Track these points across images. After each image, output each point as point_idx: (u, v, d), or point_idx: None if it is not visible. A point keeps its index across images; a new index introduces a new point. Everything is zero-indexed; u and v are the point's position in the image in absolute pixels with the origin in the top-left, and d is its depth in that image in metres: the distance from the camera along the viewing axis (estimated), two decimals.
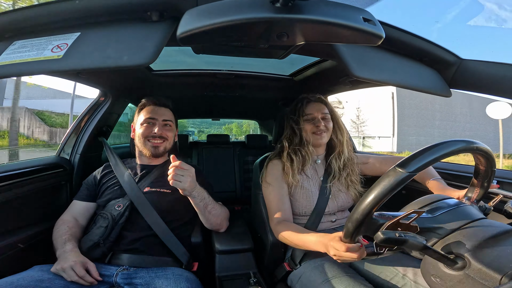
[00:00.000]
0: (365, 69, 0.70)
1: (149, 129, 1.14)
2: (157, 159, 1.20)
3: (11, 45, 0.56)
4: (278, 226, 1.02)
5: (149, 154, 1.15)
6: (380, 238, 0.56)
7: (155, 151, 1.15)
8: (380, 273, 0.89)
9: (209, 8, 0.49)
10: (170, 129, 1.19)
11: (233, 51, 0.92)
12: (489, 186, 0.73)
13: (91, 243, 0.96)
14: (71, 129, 1.46)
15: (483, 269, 0.51)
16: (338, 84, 1.40)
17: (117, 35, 0.57)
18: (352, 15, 0.51)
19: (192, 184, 0.97)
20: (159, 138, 1.15)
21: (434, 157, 0.56)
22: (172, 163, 0.96)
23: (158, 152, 1.16)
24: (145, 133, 1.14)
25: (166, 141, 1.17)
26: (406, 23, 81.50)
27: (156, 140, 1.15)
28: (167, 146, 1.19)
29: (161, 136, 1.15)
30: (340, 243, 0.69)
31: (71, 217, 1.06)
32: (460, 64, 0.83)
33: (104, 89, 1.40)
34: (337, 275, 0.86)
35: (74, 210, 1.09)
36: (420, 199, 0.70)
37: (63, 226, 1.00)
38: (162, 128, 1.16)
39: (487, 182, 0.72)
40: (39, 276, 0.80)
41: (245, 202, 2.30)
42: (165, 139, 1.17)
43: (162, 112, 1.18)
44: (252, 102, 2.18)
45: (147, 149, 1.14)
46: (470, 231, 0.58)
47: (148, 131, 1.14)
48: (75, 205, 1.11)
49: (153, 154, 1.15)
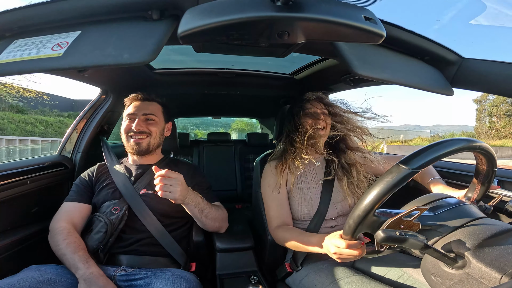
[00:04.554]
0: (367, 68, 0.70)
1: (129, 125, 1.10)
2: (150, 157, 1.16)
3: (12, 43, 0.56)
4: (277, 230, 1.01)
5: (132, 152, 1.11)
6: (381, 236, 0.56)
7: (138, 148, 1.09)
8: (386, 273, 0.89)
9: (209, 6, 0.49)
10: (153, 123, 1.13)
11: (234, 49, 0.92)
12: (489, 186, 0.73)
13: (90, 248, 0.94)
14: (72, 128, 1.46)
15: (483, 268, 0.51)
16: (339, 82, 1.40)
17: (118, 33, 0.57)
18: (353, 14, 0.50)
19: (183, 191, 0.91)
20: (140, 134, 1.10)
21: (437, 155, 0.57)
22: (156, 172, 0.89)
23: (141, 149, 1.10)
24: (126, 129, 1.10)
25: (149, 137, 1.11)
26: (407, 21, 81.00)
27: (137, 135, 1.10)
28: (152, 141, 1.12)
29: (141, 131, 1.10)
30: (341, 240, 0.69)
31: (70, 223, 0.97)
32: (462, 63, 0.83)
33: (105, 88, 1.41)
34: (344, 277, 0.85)
35: (70, 214, 1.00)
36: (421, 197, 0.70)
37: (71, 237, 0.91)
38: (142, 123, 1.10)
39: (488, 182, 0.72)
40: (39, 277, 0.78)
41: (246, 201, 2.31)
42: (148, 134, 1.11)
43: (144, 107, 1.13)
44: (253, 101, 2.18)
45: (130, 146, 1.10)
46: (470, 230, 0.58)
47: (128, 127, 1.10)
48: (70, 208, 1.02)
49: (136, 151, 1.10)
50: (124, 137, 1.11)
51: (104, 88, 1.41)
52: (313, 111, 1.12)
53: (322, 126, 1.11)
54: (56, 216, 1.00)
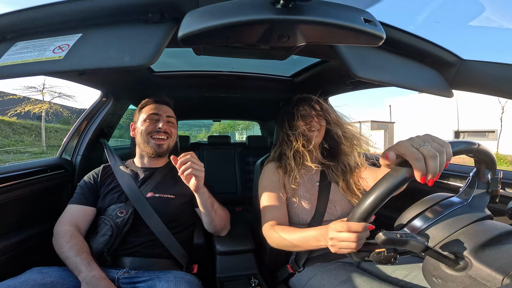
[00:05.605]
0: (367, 70, 0.70)
1: (153, 125, 1.10)
2: (159, 160, 1.17)
3: (13, 46, 0.57)
4: (270, 231, 0.97)
5: (152, 153, 1.11)
6: (382, 239, 0.56)
7: (158, 149, 1.10)
8: (391, 273, 0.88)
9: (210, 9, 0.49)
10: (173, 126, 1.16)
11: (234, 52, 0.93)
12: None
13: (95, 251, 0.94)
14: (72, 130, 1.46)
15: (484, 269, 0.50)
16: (339, 85, 1.40)
17: (119, 36, 0.57)
18: (353, 16, 0.51)
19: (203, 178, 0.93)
20: (164, 134, 1.11)
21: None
22: (183, 156, 0.89)
23: (162, 151, 1.11)
24: (149, 129, 1.09)
25: (169, 139, 1.14)
26: (407, 23, 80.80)
27: (161, 136, 1.10)
28: (170, 144, 1.15)
29: (165, 132, 1.11)
30: (343, 223, 0.64)
31: (73, 226, 0.97)
32: (462, 64, 0.83)
33: (105, 90, 1.41)
34: (352, 277, 0.84)
35: (74, 217, 1.00)
36: (423, 200, 0.69)
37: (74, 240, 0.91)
38: (166, 124, 1.12)
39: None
40: (41, 279, 0.78)
41: (246, 203, 2.30)
42: (169, 136, 1.13)
43: (165, 109, 1.16)
44: (253, 103, 2.19)
45: (150, 147, 1.10)
46: (472, 231, 0.58)
47: (152, 127, 1.10)
48: (74, 211, 1.02)
49: (156, 152, 1.11)
50: (144, 138, 1.10)
51: (105, 91, 1.41)
52: (305, 113, 1.10)
53: (315, 128, 1.09)
54: (60, 219, 1.00)
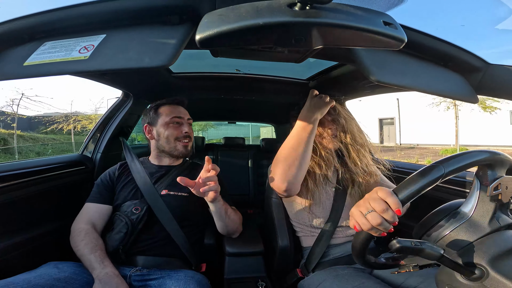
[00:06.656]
0: (387, 74, 0.68)
1: (178, 129, 1.15)
2: (178, 160, 1.22)
3: (42, 45, 0.59)
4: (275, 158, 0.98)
5: (179, 155, 1.16)
6: (396, 246, 0.54)
7: (185, 151, 1.17)
8: (405, 280, 0.86)
9: (227, 11, 0.50)
10: (191, 128, 1.22)
11: (250, 54, 0.93)
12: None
13: (111, 249, 0.96)
14: (94, 128, 1.52)
15: (501, 280, 0.49)
16: (357, 88, 1.37)
17: (139, 37, 0.59)
18: (372, 19, 0.50)
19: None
20: (188, 137, 1.17)
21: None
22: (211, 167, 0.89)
23: (188, 152, 1.18)
24: (175, 133, 1.15)
25: (191, 140, 1.20)
26: (430, 26, 77.37)
27: (186, 139, 1.16)
28: (192, 145, 1.21)
29: (189, 135, 1.17)
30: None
31: (89, 224, 1.00)
32: (487, 69, 0.79)
33: (126, 90, 1.46)
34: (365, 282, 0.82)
35: (90, 215, 1.03)
36: (439, 208, 0.67)
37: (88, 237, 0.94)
38: (189, 127, 1.18)
39: None
40: (56, 274, 0.79)
41: (258, 206, 2.30)
42: (191, 138, 1.19)
43: (184, 111, 1.20)
44: (268, 106, 2.19)
45: (178, 149, 1.15)
46: (489, 241, 0.56)
47: (178, 131, 1.15)
48: (90, 209, 1.05)
49: (184, 154, 1.17)
50: (171, 143, 1.15)
51: (125, 91, 1.46)
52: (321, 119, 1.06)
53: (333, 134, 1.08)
54: (77, 217, 1.04)
